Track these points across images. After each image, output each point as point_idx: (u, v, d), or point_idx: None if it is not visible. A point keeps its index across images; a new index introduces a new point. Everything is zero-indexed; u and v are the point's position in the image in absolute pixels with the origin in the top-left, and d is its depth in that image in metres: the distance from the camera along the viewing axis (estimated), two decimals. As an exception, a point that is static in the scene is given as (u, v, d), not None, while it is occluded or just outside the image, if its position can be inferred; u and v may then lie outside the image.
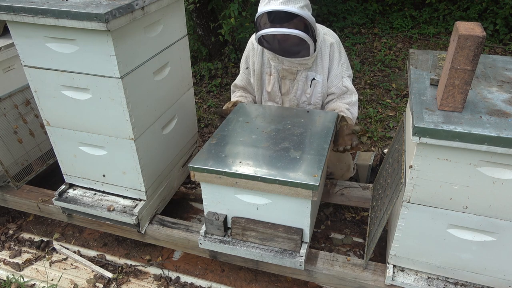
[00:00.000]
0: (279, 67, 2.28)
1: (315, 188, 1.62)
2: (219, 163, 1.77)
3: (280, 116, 2.16)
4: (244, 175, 1.70)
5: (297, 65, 2.23)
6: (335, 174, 2.50)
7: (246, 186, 1.72)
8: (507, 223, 1.48)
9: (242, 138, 1.95)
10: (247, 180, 1.71)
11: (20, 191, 2.46)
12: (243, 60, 2.45)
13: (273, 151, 1.84)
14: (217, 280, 2.23)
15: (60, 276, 2.27)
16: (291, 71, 2.27)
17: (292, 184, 1.64)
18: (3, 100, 2.35)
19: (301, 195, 1.66)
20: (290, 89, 2.34)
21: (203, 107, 4.05)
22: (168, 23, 2.01)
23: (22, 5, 1.64)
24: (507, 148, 1.28)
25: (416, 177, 1.48)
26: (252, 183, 1.70)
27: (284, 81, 2.32)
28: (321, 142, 1.90)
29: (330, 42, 2.22)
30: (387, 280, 1.75)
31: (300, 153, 1.82)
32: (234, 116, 2.18)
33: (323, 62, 2.26)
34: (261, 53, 2.31)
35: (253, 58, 2.35)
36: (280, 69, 2.28)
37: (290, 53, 2.14)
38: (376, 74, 4.57)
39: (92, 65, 1.73)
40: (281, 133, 1.98)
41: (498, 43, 5.20)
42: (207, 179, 1.78)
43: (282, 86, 2.34)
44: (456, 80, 1.33)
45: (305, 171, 1.69)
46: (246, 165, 1.74)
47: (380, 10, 6.13)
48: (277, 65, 2.28)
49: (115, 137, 1.93)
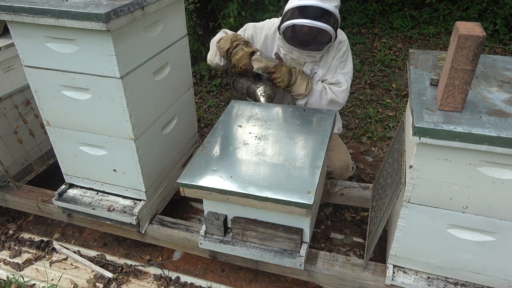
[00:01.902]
0: (288, 56, 2.33)
1: (309, 207, 1.56)
2: (209, 178, 1.70)
3: (275, 118, 2.09)
4: (235, 192, 1.64)
5: (306, 57, 2.30)
6: (335, 174, 2.50)
7: (238, 202, 1.67)
8: (507, 223, 1.48)
9: (234, 146, 1.88)
10: (238, 197, 1.65)
11: (20, 191, 2.46)
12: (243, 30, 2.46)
13: (266, 164, 1.77)
14: (217, 280, 2.23)
15: (60, 276, 2.27)
16: (299, 62, 2.33)
17: (285, 202, 1.58)
18: (3, 100, 2.35)
19: (295, 213, 1.60)
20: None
21: (203, 107, 4.05)
22: (168, 23, 2.01)
23: (22, 5, 1.64)
24: (507, 148, 1.28)
25: (416, 177, 1.48)
26: (244, 200, 1.64)
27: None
28: (317, 151, 1.83)
29: (339, 40, 2.31)
30: (387, 280, 1.75)
31: (294, 164, 1.74)
32: (226, 118, 2.12)
33: (327, 58, 2.34)
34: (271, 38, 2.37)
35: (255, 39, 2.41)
36: (289, 58, 2.34)
37: (306, 45, 2.23)
38: (376, 74, 4.57)
39: (92, 65, 1.73)
40: (275, 140, 1.91)
41: (498, 43, 5.20)
42: (197, 194, 1.71)
43: None
44: (456, 80, 1.33)
45: (298, 187, 1.61)
46: (237, 181, 1.67)
47: (380, 10, 6.12)
48: (286, 53, 2.33)
49: (115, 137, 1.93)
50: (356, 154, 3.21)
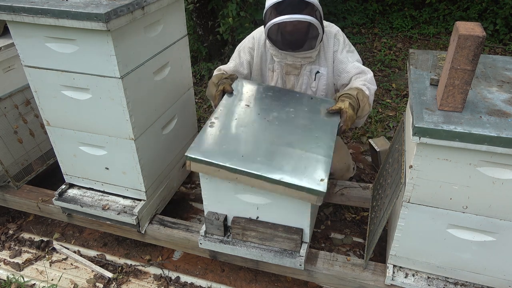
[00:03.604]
0: (282, 62, 2.26)
1: (322, 194, 1.56)
2: (219, 154, 1.65)
3: (282, 101, 2.05)
4: (247, 172, 1.60)
5: (301, 59, 2.22)
6: (336, 175, 2.49)
7: (248, 182, 1.63)
8: (507, 223, 1.48)
9: (243, 126, 1.83)
10: (249, 177, 1.62)
11: (20, 191, 2.46)
12: (237, 52, 2.38)
13: (277, 145, 1.73)
14: (217, 280, 2.23)
15: (60, 276, 2.27)
16: (295, 66, 2.25)
17: (298, 188, 1.57)
18: (3, 100, 2.35)
19: (305, 199, 1.60)
20: (295, 84, 2.33)
21: (203, 107, 4.05)
22: (168, 23, 2.01)
23: (22, 5, 1.64)
24: (507, 148, 1.28)
25: (416, 177, 1.48)
26: (255, 181, 1.62)
27: (288, 76, 2.31)
28: (327, 140, 1.80)
29: (333, 33, 2.21)
30: (387, 280, 1.75)
31: (304, 151, 1.71)
32: (233, 96, 2.03)
33: (326, 54, 2.24)
34: (263, 47, 2.30)
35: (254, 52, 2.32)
36: (284, 65, 2.27)
37: (296, 46, 2.11)
38: (376, 74, 4.57)
39: (92, 65, 1.73)
40: (284, 124, 1.87)
41: (498, 43, 5.20)
42: (205, 170, 1.66)
43: (287, 82, 2.34)
44: (456, 80, 1.33)
45: (311, 174, 1.60)
46: (248, 160, 1.64)
47: (380, 10, 6.12)
48: (280, 60, 2.26)
49: (115, 137, 1.93)
50: (356, 154, 3.21)
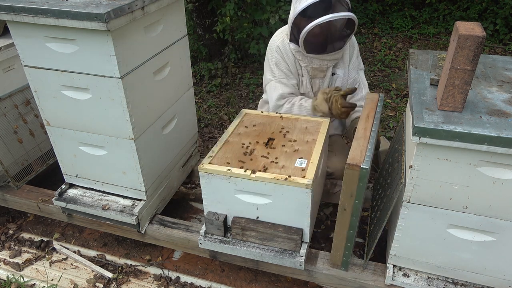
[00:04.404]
0: (309, 67, 2.25)
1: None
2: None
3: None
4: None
5: (327, 61, 2.21)
6: (336, 175, 2.49)
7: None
8: (507, 223, 1.48)
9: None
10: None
11: (20, 191, 2.46)
12: (269, 69, 2.31)
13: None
14: (217, 280, 2.23)
15: (60, 276, 2.27)
16: (322, 69, 2.24)
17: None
18: (3, 100, 2.35)
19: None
20: (321, 87, 2.32)
21: (203, 107, 4.05)
22: (168, 23, 2.01)
23: (22, 5, 1.64)
24: (507, 148, 1.28)
25: (416, 177, 1.48)
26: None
27: (314, 80, 2.31)
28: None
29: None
30: (387, 280, 1.75)
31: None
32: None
33: (344, 56, 2.27)
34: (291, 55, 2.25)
35: (284, 63, 2.26)
36: (310, 69, 2.25)
37: (333, 47, 2.13)
38: (376, 74, 4.57)
39: (92, 65, 1.73)
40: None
41: (498, 43, 5.20)
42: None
43: (313, 86, 2.34)
44: (456, 80, 1.33)
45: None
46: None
47: (380, 10, 6.13)
48: (307, 65, 2.24)
49: (115, 137, 1.93)
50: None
